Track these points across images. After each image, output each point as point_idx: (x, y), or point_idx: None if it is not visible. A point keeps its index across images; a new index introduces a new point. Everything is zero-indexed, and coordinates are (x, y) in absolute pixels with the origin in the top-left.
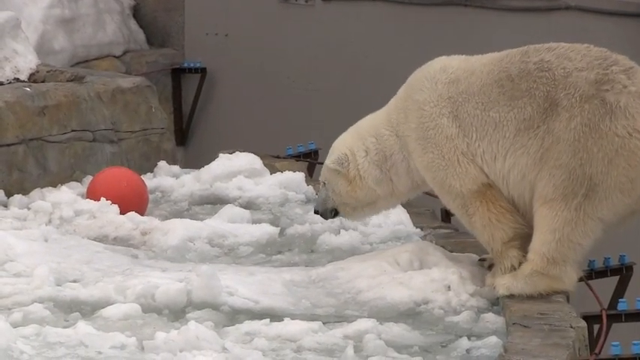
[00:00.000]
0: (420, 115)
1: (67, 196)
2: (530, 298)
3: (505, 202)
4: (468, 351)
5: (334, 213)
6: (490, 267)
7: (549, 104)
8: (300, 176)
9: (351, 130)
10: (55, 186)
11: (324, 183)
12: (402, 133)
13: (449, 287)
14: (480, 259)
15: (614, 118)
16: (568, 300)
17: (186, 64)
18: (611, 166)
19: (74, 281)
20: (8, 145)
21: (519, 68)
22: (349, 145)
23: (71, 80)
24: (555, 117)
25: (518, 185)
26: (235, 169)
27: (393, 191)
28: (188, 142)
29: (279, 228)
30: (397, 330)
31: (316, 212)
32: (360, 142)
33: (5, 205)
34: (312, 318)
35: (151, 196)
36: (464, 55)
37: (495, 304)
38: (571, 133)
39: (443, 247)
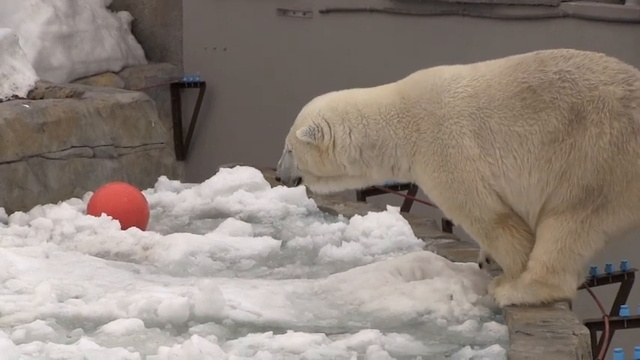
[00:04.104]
0: (437, 130)
1: (67, 213)
2: (532, 306)
3: (527, 226)
4: None
5: (297, 182)
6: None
7: (575, 116)
8: (300, 189)
9: (329, 100)
10: (55, 202)
11: (290, 150)
12: (408, 139)
13: (451, 297)
14: (479, 264)
15: (639, 139)
16: (570, 307)
17: (185, 79)
18: (628, 187)
19: (76, 297)
20: (8, 162)
21: (539, 78)
22: (326, 116)
23: (70, 96)
24: (582, 131)
25: (538, 200)
26: (236, 183)
27: (365, 175)
28: (188, 156)
29: (280, 241)
30: (400, 340)
31: (277, 179)
32: (341, 117)
33: (6, 223)
34: (315, 330)
35: (151, 212)
36: (459, 65)
37: (498, 312)
38: (600, 151)
39: (444, 256)
